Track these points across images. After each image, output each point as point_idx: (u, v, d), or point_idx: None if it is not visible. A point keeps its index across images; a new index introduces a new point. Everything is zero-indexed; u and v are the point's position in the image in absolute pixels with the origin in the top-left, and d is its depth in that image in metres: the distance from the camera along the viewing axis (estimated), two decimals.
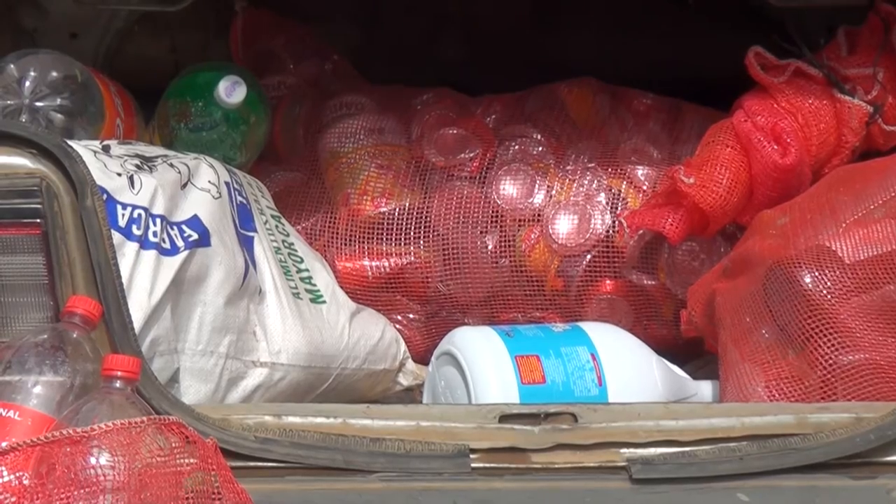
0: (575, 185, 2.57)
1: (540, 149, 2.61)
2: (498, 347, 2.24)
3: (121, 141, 2.20)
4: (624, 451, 1.94)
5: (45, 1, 2.52)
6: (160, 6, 2.44)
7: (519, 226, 2.56)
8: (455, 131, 2.61)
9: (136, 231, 1.99)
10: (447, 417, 1.97)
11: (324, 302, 2.38)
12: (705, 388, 2.36)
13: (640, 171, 2.57)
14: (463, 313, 2.58)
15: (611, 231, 2.54)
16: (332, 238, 2.57)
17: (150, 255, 2.01)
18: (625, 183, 2.57)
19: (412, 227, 2.55)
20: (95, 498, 1.58)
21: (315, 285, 2.39)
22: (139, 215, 2.00)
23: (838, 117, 2.41)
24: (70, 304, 1.82)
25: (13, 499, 1.61)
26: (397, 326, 2.55)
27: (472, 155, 2.59)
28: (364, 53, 2.86)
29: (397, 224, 2.55)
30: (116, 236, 1.95)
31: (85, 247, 1.87)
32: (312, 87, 2.72)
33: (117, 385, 1.71)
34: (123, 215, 1.98)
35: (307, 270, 2.40)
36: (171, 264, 2.04)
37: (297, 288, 2.34)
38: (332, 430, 1.94)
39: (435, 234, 2.55)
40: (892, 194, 2.11)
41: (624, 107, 2.67)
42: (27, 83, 2.15)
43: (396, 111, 2.66)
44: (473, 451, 1.93)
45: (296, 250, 2.42)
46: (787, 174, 2.38)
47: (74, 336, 1.80)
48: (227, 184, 2.25)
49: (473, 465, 1.92)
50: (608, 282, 2.55)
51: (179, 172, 2.13)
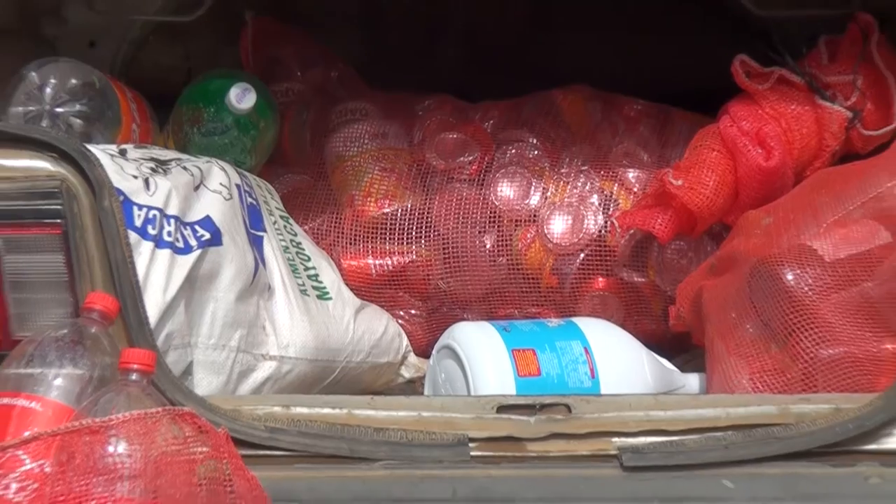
0: (569, 187, 2.57)
1: (536, 152, 2.61)
2: (495, 342, 2.24)
3: (137, 145, 2.21)
4: (615, 440, 1.94)
5: (65, 11, 2.52)
6: (175, 16, 2.47)
7: (516, 226, 2.56)
8: (455, 136, 2.62)
9: (151, 231, 1.99)
10: (447, 408, 1.97)
11: (330, 298, 2.38)
12: (692, 381, 2.36)
13: (631, 174, 2.58)
14: (462, 309, 2.58)
15: (603, 231, 2.53)
16: (338, 237, 2.57)
17: (165, 253, 2.01)
18: (616, 185, 2.57)
19: (414, 228, 2.55)
20: (113, 485, 1.58)
21: (321, 282, 2.40)
22: (154, 216, 2.00)
23: (819, 122, 2.41)
24: (89, 301, 1.83)
25: (35, 485, 1.61)
26: (400, 322, 2.56)
27: (471, 158, 2.60)
28: (368, 62, 2.85)
29: (400, 224, 2.55)
30: (133, 236, 1.95)
31: (103, 246, 1.88)
32: (319, 93, 2.72)
33: (134, 377, 1.71)
34: (139, 216, 1.98)
35: (314, 268, 2.41)
36: (185, 262, 2.04)
37: (304, 285, 2.34)
38: (338, 420, 1.94)
39: (436, 233, 2.55)
40: (870, 196, 2.10)
41: (615, 112, 2.67)
42: (48, 90, 2.17)
43: (399, 116, 2.67)
44: (472, 440, 1.93)
45: (303, 249, 2.42)
46: (771, 176, 2.38)
47: (93, 331, 1.80)
48: (237, 186, 2.25)
49: (472, 453, 1.92)
50: (600, 279, 2.55)
51: (192, 175, 2.14)
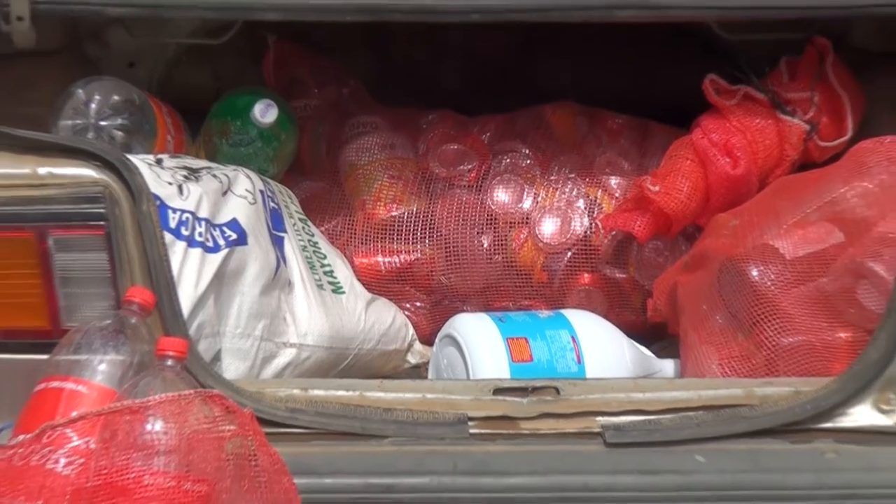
0: (558, 192, 2.57)
1: (528, 161, 2.61)
2: (492, 331, 2.25)
3: (171, 155, 2.21)
4: (599, 419, 1.94)
5: (107, 35, 2.51)
6: (205, 39, 2.42)
7: (510, 227, 2.56)
8: (455, 147, 2.61)
9: (184, 232, 1.99)
10: (449, 390, 1.98)
11: (343, 292, 2.38)
12: (668, 366, 2.36)
13: (614, 181, 2.57)
14: (462, 302, 2.58)
15: (588, 232, 2.54)
16: (351, 238, 2.57)
17: (196, 252, 2.01)
18: (600, 191, 2.57)
19: (419, 229, 2.55)
20: (151, 459, 1.61)
21: (336, 278, 2.40)
22: (187, 218, 2.00)
23: (780, 135, 2.41)
24: (129, 294, 1.83)
25: (81, 460, 1.63)
26: (406, 313, 2.55)
27: (470, 167, 2.60)
28: (377, 80, 2.82)
29: (406, 226, 2.55)
30: (168, 236, 1.95)
31: (141, 245, 1.88)
32: (333, 108, 2.70)
33: (169, 363, 1.73)
34: (174, 218, 1.98)
35: (329, 265, 2.40)
36: (214, 260, 2.04)
37: (320, 280, 2.34)
38: (351, 401, 1.95)
39: (438, 234, 2.55)
40: (826, 200, 2.11)
41: (599, 126, 2.66)
42: (93, 105, 2.16)
43: (405, 129, 2.66)
44: (471, 419, 1.94)
45: (319, 248, 2.42)
46: (738, 183, 2.39)
47: (133, 321, 1.81)
48: (261, 192, 2.25)
49: (471, 431, 1.93)
50: (586, 275, 2.55)
51: (221, 182, 2.14)
